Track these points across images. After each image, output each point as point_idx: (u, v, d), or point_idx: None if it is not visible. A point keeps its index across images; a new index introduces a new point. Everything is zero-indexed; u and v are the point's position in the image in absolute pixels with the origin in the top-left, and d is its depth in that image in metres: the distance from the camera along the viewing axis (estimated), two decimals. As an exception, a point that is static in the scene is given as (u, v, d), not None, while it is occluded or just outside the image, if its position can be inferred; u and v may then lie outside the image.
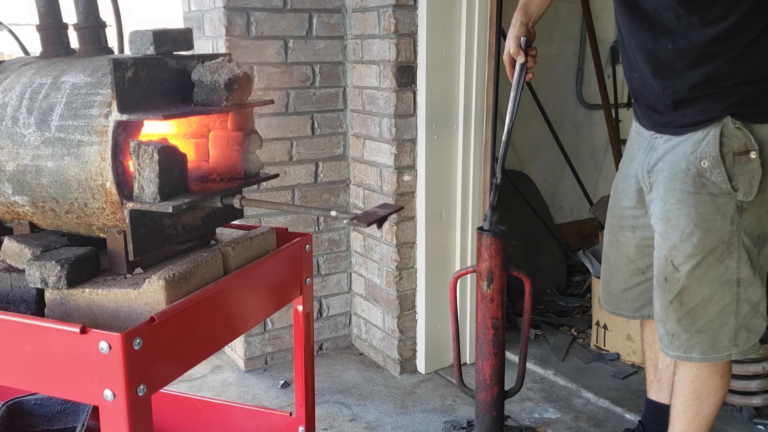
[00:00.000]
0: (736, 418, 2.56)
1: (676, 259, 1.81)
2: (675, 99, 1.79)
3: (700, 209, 1.76)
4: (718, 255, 1.78)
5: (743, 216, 1.76)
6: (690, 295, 1.81)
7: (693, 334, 1.83)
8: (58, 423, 1.95)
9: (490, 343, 2.26)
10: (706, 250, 1.78)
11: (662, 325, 1.89)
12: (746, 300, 1.80)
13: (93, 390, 1.13)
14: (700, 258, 1.78)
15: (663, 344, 1.90)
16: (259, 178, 1.55)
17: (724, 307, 1.81)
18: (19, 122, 1.38)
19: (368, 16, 2.77)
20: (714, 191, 1.75)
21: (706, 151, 1.74)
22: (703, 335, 1.83)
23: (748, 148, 1.72)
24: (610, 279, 2.11)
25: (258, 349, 2.99)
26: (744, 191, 1.73)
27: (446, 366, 2.97)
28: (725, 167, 1.73)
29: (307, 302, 1.66)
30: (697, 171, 1.75)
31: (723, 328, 1.82)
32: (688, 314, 1.83)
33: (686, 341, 1.84)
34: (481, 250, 2.21)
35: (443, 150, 2.80)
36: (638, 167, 1.93)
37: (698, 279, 1.80)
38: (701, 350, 1.84)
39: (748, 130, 1.72)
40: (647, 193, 1.91)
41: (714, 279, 1.79)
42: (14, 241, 1.37)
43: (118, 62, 1.25)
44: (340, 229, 3.09)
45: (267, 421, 1.89)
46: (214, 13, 2.70)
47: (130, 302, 1.26)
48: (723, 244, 1.77)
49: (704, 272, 1.79)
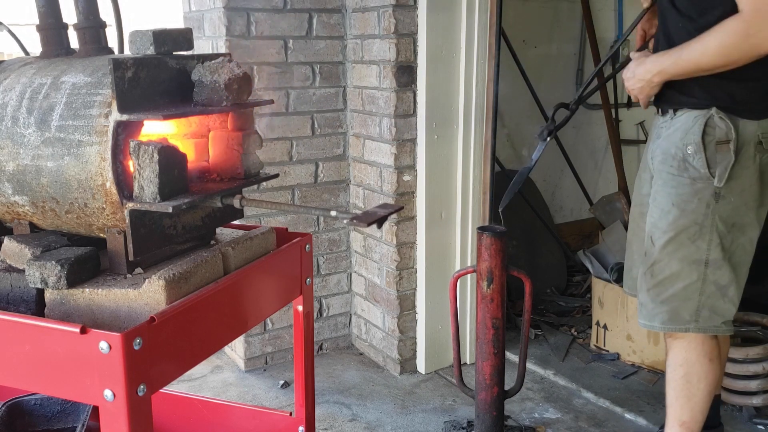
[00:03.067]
0: (736, 418, 2.56)
1: (654, 234, 1.96)
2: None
3: (679, 190, 1.90)
4: (690, 235, 1.90)
5: (719, 202, 1.87)
6: (660, 268, 1.96)
7: (657, 304, 1.97)
8: (58, 423, 1.95)
9: (490, 343, 2.26)
10: (678, 228, 1.91)
11: (638, 296, 2.05)
12: (713, 281, 1.92)
13: (93, 390, 1.13)
14: (672, 235, 1.92)
15: (638, 314, 2.04)
16: (259, 178, 1.55)
17: (690, 284, 1.93)
18: (19, 122, 1.38)
19: (368, 16, 2.77)
20: (694, 175, 1.88)
21: (691, 138, 1.88)
22: (665, 306, 1.96)
23: (728, 138, 1.84)
24: (633, 265, 2.20)
25: (258, 349, 2.99)
26: (719, 177, 1.85)
27: (446, 366, 2.97)
28: (706, 154, 1.85)
29: (307, 302, 1.66)
30: (683, 156, 1.89)
31: (686, 303, 1.94)
32: (655, 286, 1.97)
33: (651, 310, 1.99)
34: (481, 250, 2.21)
35: (443, 150, 2.80)
36: (648, 155, 2.07)
37: (669, 254, 1.93)
38: (662, 320, 1.97)
39: (731, 122, 1.84)
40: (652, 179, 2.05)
41: (683, 257, 1.92)
42: (14, 241, 1.37)
43: (118, 62, 1.25)
44: (340, 229, 3.09)
45: (267, 421, 1.89)
46: (214, 13, 2.70)
47: (130, 302, 1.26)
48: (696, 225, 1.89)
49: (675, 249, 1.92)
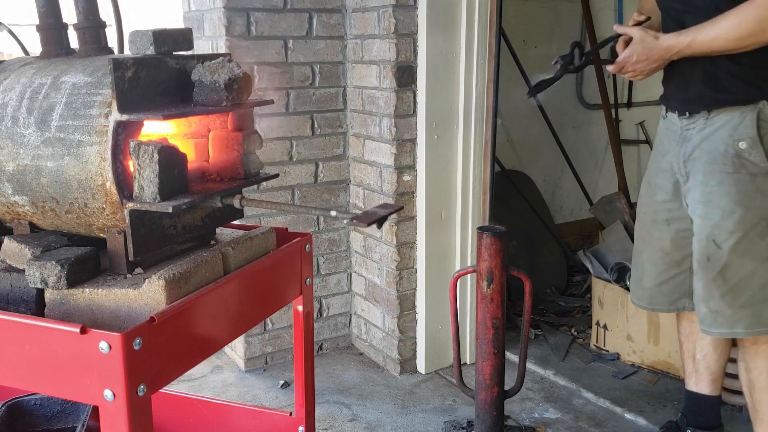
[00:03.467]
0: (737, 418, 2.56)
1: (719, 237, 1.87)
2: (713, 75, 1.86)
3: (740, 188, 1.84)
4: (759, 231, 1.85)
5: None
6: (733, 271, 1.87)
7: (737, 309, 1.88)
8: (58, 423, 1.95)
9: (490, 343, 2.26)
10: (747, 226, 1.84)
11: (705, 305, 1.93)
12: None
13: (93, 390, 1.13)
14: (741, 234, 1.85)
15: (705, 324, 1.94)
16: (259, 178, 1.55)
17: (766, 283, 1.86)
18: (19, 122, 1.38)
19: (368, 16, 2.77)
20: (753, 170, 1.83)
21: (743, 132, 1.82)
22: (747, 310, 1.88)
23: None
24: (644, 275, 2.15)
25: (258, 349, 2.99)
26: None
27: (446, 366, 2.97)
28: (763, 147, 1.81)
29: (307, 302, 1.66)
30: (736, 152, 1.83)
31: (765, 303, 1.87)
32: (731, 290, 1.88)
33: (730, 317, 1.89)
34: (481, 250, 2.21)
35: (443, 150, 2.80)
36: (673, 160, 1.99)
37: (741, 255, 1.86)
38: (745, 324, 1.88)
39: None
40: (684, 183, 1.98)
41: (756, 254, 1.86)
42: (14, 241, 1.37)
43: (118, 62, 1.25)
44: (340, 229, 3.09)
45: (267, 421, 1.89)
46: (214, 13, 2.70)
47: (130, 302, 1.26)
48: (763, 221, 1.84)
49: (746, 248, 1.86)
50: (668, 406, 2.66)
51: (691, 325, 2.20)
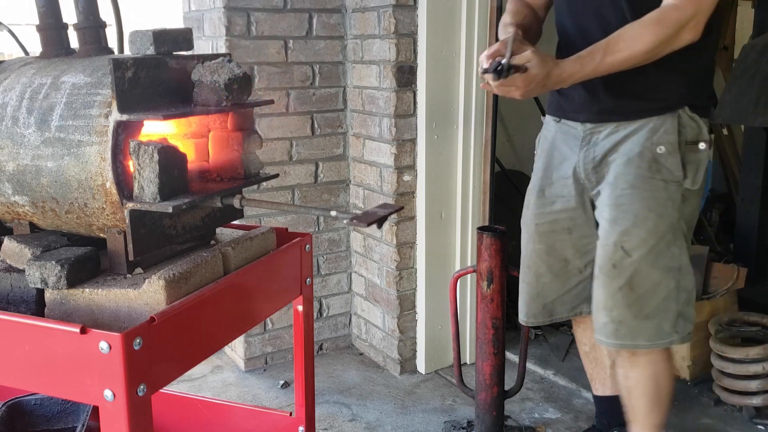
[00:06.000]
0: (736, 418, 2.56)
1: (628, 243, 1.78)
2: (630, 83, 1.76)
3: (655, 194, 1.77)
4: (667, 241, 1.79)
5: (685, 204, 1.79)
6: (640, 281, 1.80)
7: (641, 320, 1.82)
8: (58, 423, 1.95)
9: (490, 343, 2.26)
10: (658, 235, 1.78)
11: (606, 314, 1.84)
12: (684, 288, 1.83)
13: (93, 390, 1.13)
14: (653, 243, 1.78)
15: (603, 334, 1.85)
16: (259, 178, 1.55)
17: (668, 294, 1.81)
18: (19, 122, 1.38)
19: (368, 16, 2.77)
20: (667, 177, 1.76)
21: (663, 137, 1.75)
22: (651, 321, 1.82)
23: (698, 139, 1.77)
24: (543, 289, 2.02)
25: (258, 349, 2.99)
26: (691, 179, 1.77)
27: (446, 366, 2.97)
28: (681, 154, 1.75)
29: (307, 302, 1.66)
30: (653, 156, 1.76)
31: (666, 315, 1.82)
32: (638, 300, 1.81)
33: (634, 328, 1.82)
34: (481, 250, 2.21)
35: (443, 150, 2.80)
36: (578, 165, 1.87)
37: (650, 264, 1.79)
38: (648, 336, 1.83)
39: (701, 121, 1.78)
40: (592, 189, 1.88)
41: (663, 265, 1.80)
42: (14, 241, 1.37)
43: (118, 62, 1.25)
44: (340, 229, 3.09)
45: (267, 421, 1.89)
46: (214, 13, 2.70)
47: (130, 302, 1.26)
48: (671, 231, 1.79)
49: (655, 258, 1.79)
50: (668, 406, 2.66)
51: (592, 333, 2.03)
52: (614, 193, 1.80)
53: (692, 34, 1.64)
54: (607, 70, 1.66)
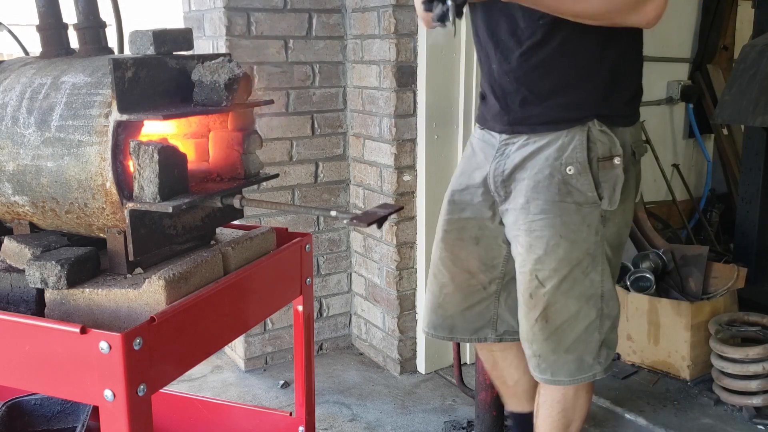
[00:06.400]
0: (736, 418, 2.56)
1: (541, 273, 1.67)
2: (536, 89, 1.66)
3: (565, 219, 1.64)
4: (583, 268, 1.66)
5: (606, 226, 1.66)
6: (556, 313, 1.68)
7: (561, 354, 1.71)
8: (58, 423, 1.95)
9: (490, 343, 2.25)
10: (572, 263, 1.65)
11: (529, 346, 1.74)
12: (608, 315, 1.71)
13: (93, 390, 1.13)
14: (566, 272, 1.65)
15: (531, 366, 1.76)
16: (259, 178, 1.55)
17: (589, 324, 1.69)
18: (19, 122, 1.38)
19: (368, 16, 2.77)
20: (579, 200, 1.63)
21: (572, 156, 1.61)
22: (571, 355, 1.70)
23: (612, 154, 1.62)
24: (444, 300, 1.89)
25: (258, 349, 2.99)
26: (608, 199, 1.63)
27: (446, 366, 2.97)
28: (592, 174, 1.61)
29: (307, 302, 1.66)
30: (562, 178, 1.62)
31: (588, 347, 1.70)
32: (554, 333, 1.69)
33: (554, 363, 1.71)
34: (481, 250, 2.21)
35: (443, 150, 2.80)
36: (489, 176, 1.75)
37: (564, 294, 1.67)
38: (569, 372, 1.71)
39: (612, 133, 1.63)
40: (501, 203, 1.76)
41: (580, 294, 1.67)
42: (14, 241, 1.37)
43: (118, 62, 1.25)
44: (340, 229, 3.09)
45: (267, 421, 1.89)
46: (214, 13, 2.70)
47: (130, 302, 1.26)
48: (588, 257, 1.65)
49: (570, 287, 1.66)
50: (668, 406, 2.66)
51: (492, 354, 2.02)
52: (527, 218, 1.68)
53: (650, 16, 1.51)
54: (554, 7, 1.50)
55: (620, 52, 1.63)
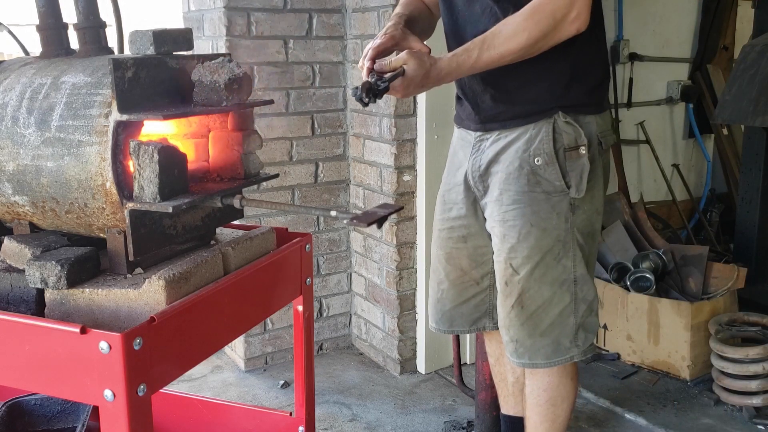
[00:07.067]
0: (736, 418, 2.56)
1: (515, 261, 1.74)
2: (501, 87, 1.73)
3: (535, 208, 1.71)
4: (555, 255, 1.72)
5: (576, 214, 1.72)
6: (530, 298, 1.75)
7: (537, 338, 1.77)
8: (58, 423, 1.95)
9: (490, 343, 2.25)
10: (543, 250, 1.72)
11: (506, 332, 1.81)
12: (582, 299, 1.77)
13: (93, 390, 1.13)
14: (538, 259, 1.72)
15: (509, 352, 1.82)
16: (259, 178, 1.55)
17: (564, 308, 1.75)
18: (19, 122, 1.38)
19: (368, 16, 2.77)
20: (548, 189, 1.70)
21: (539, 148, 1.68)
22: (547, 339, 1.76)
23: (578, 144, 1.68)
24: (442, 295, 1.97)
25: (258, 349, 2.99)
26: (576, 188, 1.69)
27: (446, 366, 2.97)
28: (558, 164, 1.68)
29: (307, 302, 1.66)
30: (531, 169, 1.70)
31: (564, 330, 1.76)
32: (530, 318, 1.76)
33: (531, 347, 1.77)
34: (481, 250, 2.21)
35: (443, 150, 2.78)
36: (468, 172, 1.83)
37: (537, 281, 1.73)
38: (545, 354, 1.77)
39: (577, 123, 1.69)
40: (481, 198, 1.83)
41: (553, 280, 1.74)
42: (14, 241, 1.37)
43: (118, 62, 1.25)
44: (340, 229, 3.09)
45: (267, 421, 1.89)
46: (214, 13, 2.70)
47: (130, 302, 1.26)
48: (559, 243, 1.72)
49: (543, 273, 1.73)
50: (668, 406, 2.66)
51: (499, 346, 2.05)
52: (501, 209, 1.75)
53: (576, 25, 1.56)
54: (485, 66, 1.60)
55: (579, 46, 1.66)
